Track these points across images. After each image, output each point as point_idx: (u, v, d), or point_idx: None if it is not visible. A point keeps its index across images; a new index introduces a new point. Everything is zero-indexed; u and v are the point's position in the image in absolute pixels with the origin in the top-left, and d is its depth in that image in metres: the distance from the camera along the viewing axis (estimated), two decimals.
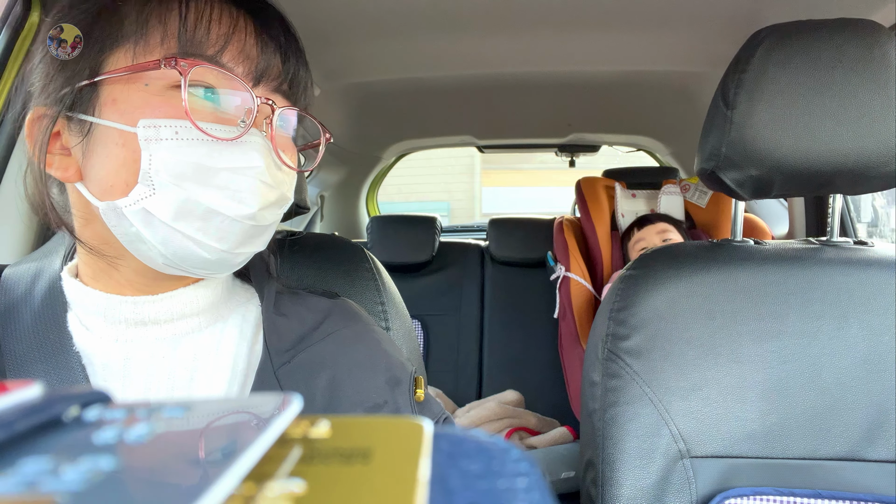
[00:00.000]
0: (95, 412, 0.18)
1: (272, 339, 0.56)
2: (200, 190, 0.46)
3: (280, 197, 0.51)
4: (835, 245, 0.82)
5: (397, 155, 2.60)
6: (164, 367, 0.51)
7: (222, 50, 0.48)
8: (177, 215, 0.46)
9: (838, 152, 0.70)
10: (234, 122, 0.48)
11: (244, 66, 0.50)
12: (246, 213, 0.48)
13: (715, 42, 1.26)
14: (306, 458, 0.16)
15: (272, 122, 0.50)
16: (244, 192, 0.47)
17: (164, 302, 0.52)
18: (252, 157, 0.48)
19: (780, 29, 0.73)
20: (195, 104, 0.47)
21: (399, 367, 0.60)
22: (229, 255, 0.50)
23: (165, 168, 0.45)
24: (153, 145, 0.45)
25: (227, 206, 0.47)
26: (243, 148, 0.48)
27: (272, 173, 0.50)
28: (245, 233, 0.49)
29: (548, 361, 2.01)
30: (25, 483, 0.13)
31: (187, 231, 0.47)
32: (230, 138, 0.47)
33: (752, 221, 1.72)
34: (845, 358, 0.74)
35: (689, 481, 0.73)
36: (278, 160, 0.51)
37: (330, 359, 0.56)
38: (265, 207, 0.49)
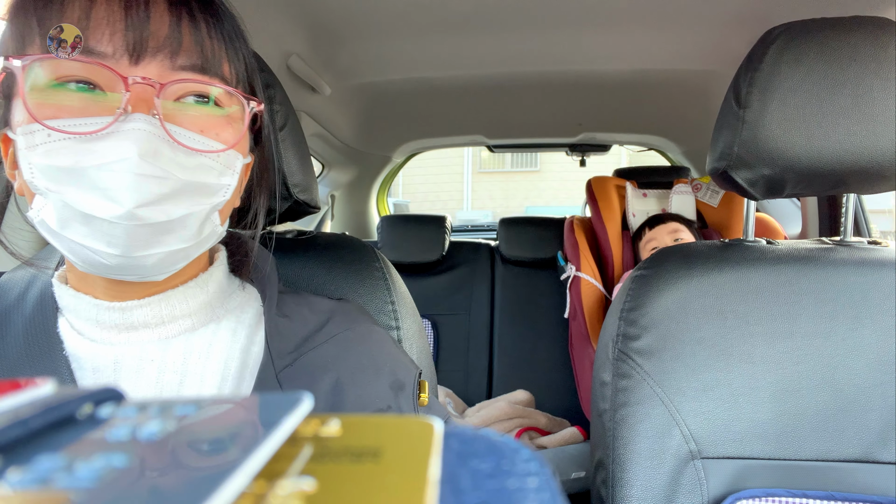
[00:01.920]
0: (108, 410, 0.18)
1: (274, 342, 0.55)
2: (74, 192, 0.42)
3: (182, 186, 0.45)
4: (848, 245, 0.81)
5: (407, 154, 2.60)
6: (153, 369, 0.50)
7: (85, 32, 0.43)
8: (62, 222, 0.44)
9: (852, 151, 0.69)
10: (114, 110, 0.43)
11: (113, 43, 0.44)
12: (119, 213, 0.42)
13: (727, 40, 1.25)
14: (317, 457, 0.16)
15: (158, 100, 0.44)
16: (115, 190, 0.42)
17: (153, 306, 0.51)
18: (122, 149, 0.42)
19: (792, 27, 0.72)
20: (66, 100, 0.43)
21: (403, 370, 0.59)
22: (129, 259, 0.45)
23: (42, 174, 0.43)
24: (31, 152, 0.43)
25: (100, 206, 0.42)
26: (114, 138, 0.42)
27: (161, 161, 0.43)
28: (133, 233, 0.44)
29: (558, 361, 2.01)
30: (40, 479, 0.14)
31: (76, 238, 0.44)
32: (95, 131, 0.42)
33: (765, 221, 1.71)
34: (859, 359, 0.73)
35: (701, 482, 0.72)
36: (177, 144, 0.44)
37: (332, 362, 0.55)
38: (152, 202, 0.43)
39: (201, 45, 0.47)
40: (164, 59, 0.45)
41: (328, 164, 2.25)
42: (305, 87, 1.44)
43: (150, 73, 0.45)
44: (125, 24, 0.44)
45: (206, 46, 0.47)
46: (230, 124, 0.49)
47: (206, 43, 0.47)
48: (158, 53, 0.45)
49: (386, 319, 0.77)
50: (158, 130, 0.44)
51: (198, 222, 0.48)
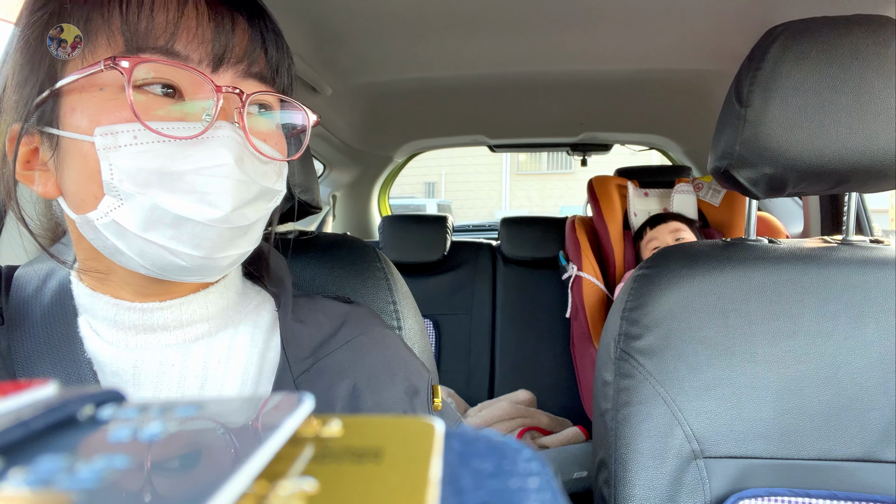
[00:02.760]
0: (110, 411, 0.18)
1: (291, 347, 0.55)
2: (167, 196, 0.43)
3: (261, 192, 0.48)
4: (850, 244, 0.81)
5: (409, 154, 2.60)
6: (174, 374, 0.50)
7: (173, 38, 0.44)
8: (146, 225, 0.44)
9: (854, 150, 0.69)
10: (199, 117, 0.45)
11: (199, 51, 0.45)
12: (217, 217, 0.44)
13: (729, 39, 1.25)
14: (318, 458, 0.16)
15: (243, 110, 0.46)
16: (213, 194, 0.44)
17: (173, 309, 0.51)
18: (219, 155, 0.44)
19: (794, 26, 0.72)
20: (152, 103, 0.44)
21: (417, 375, 0.60)
22: (208, 260, 0.46)
23: (128, 176, 0.43)
24: (112, 153, 0.43)
25: (196, 210, 0.44)
26: (209, 145, 0.44)
27: (247, 168, 0.46)
28: (221, 236, 0.46)
29: (560, 361, 2.01)
30: (41, 481, 0.14)
31: (159, 241, 0.44)
32: (191, 136, 0.43)
33: (767, 220, 1.70)
34: (861, 358, 0.73)
35: (703, 482, 0.72)
36: (256, 152, 0.47)
37: (349, 367, 0.56)
38: (241, 206, 0.46)
39: (271, 59, 0.50)
40: (239, 69, 0.48)
41: (329, 165, 2.26)
42: (306, 87, 1.44)
43: (224, 80, 0.47)
44: (213, 34, 0.46)
45: (274, 59, 0.51)
46: (280, 134, 0.52)
47: (274, 56, 0.51)
48: (237, 64, 0.47)
49: (388, 319, 0.77)
50: (242, 139, 0.45)
51: (262, 226, 0.51)
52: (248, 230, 0.48)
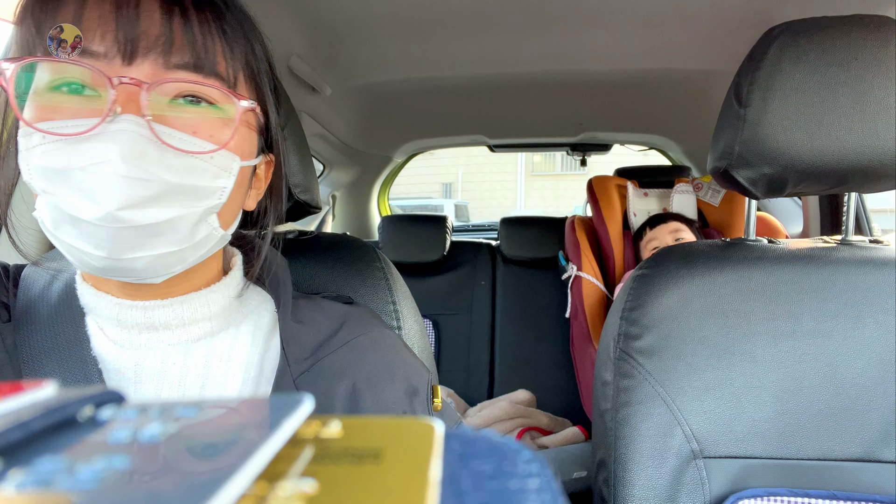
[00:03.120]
0: (109, 412, 0.18)
1: (290, 348, 0.55)
2: (63, 193, 0.42)
3: (170, 188, 0.44)
4: (850, 244, 0.81)
5: (408, 154, 2.60)
6: (175, 373, 0.50)
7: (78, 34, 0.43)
8: (55, 223, 0.44)
9: (853, 150, 0.69)
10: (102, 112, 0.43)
11: (105, 43, 0.44)
12: (101, 215, 0.42)
13: (728, 39, 1.25)
14: (318, 458, 0.16)
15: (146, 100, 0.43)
16: (97, 192, 0.41)
17: (175, 307, 0.51)
18: (105, 150, 0.41)
19: (793, 26, 0.72)
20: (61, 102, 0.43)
21: (417, 375, 0.60)
22: (115, 261, 0.44)
23: (39, 175, 0.43)
24: (28, 154, 0.43)
25: (83, 208, 0.42)
26: (100, 140, 0.42)
27: (147, 163, 0.43)
28: (117, 236, 0.43)
29: (559, 361, 2.01)
30: (41, 481, 0.14)
31: (67, 239, 0.44)
32: (81, 132, 0.42)
33: (766, 220, 1.71)
34: (861, 358, 0.73)
35: (703, 481, 0.72)
36: (165, 146, 0.44)
37: (349, 367, 0.56)
38: (135, 205, 0.42)
39: (193, 43, 0.46)
40: (156, 58, 0.45)
41: (329, 165, 2.26)
42: (306, 88, 1.44)
43: (142, 72, 0.44)
44: (115, 24, 0.43)
45: (199, 44, 0.46)
46: (227, 125, 0.48)
47: (198, 41, 0.46)
48: (150, 53, 0.44)
49: (387, 319, 0.77)
50: (145, 131, 0.43)
51: (188, 225, 0.47)
52: (160, 230, 0.45)
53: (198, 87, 0.46)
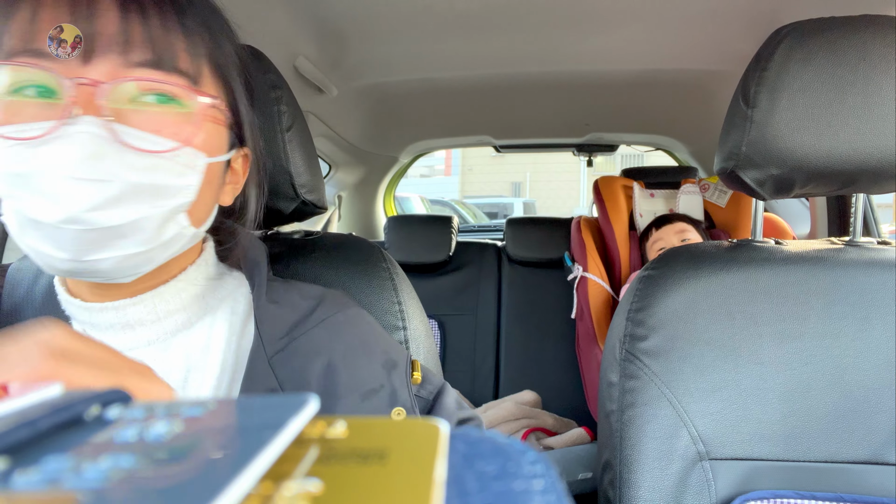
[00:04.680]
0: (116, 411, 0.18)
1: (265, 327, 0.55)
2: (23, 197, 0.42)
3: (130, 188, 0.44)
4: (858, 245, 0.80)
5: (414, 155, 2.60)
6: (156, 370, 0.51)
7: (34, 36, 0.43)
8: (19, 227, 0.44)
9: (861, 151, 0.69)
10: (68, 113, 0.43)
11: (63, 45, 0.43)
12: (61, 217, 0.42)
13: (735, 40, 1.25)
14: (323, 459, 0.16)
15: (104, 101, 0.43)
16: (55, 194, 0.42)
17: (146, 303, 0.51)
18: (63, 152, 0.41)
19: (801, 26, 0.72)
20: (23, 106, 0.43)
21: (395, 350, 0.59)
22: (80, 263, 0.44)
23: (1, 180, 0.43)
24: None
25: (44, 211, 0.42)
26: (56, 143, 0.42)
27: (106, 164, 0.42)
28: (79, 238, 0.43)
29: (565, 362, 2.01)
30: (48, 480, 0.14)
31: (31, 243, 0.44)
32: (37, 136, 0.42)
33: (773, 221, 1.70)
34: (868, 360, 0.73)
35: (708, 483, 0.72)
36: (124, 146, 0.43)
37: (325, 345, 0.55)
38: (98, 207, 0.42)
39: (152, 40, 0.45)
40: (115, 57, 0.44)
41: (335, 165, 2.26)
42: (312, 88, 1.44)
43: (101, 72, 0.44)
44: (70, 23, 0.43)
45: (159, 41, 0.45)
46: (191, 122, 0.47)
47: (157, 37, 0.45)
48: (108, 52, 0.44)
49: (392, 320, 0.77)
50: (103, 132, 0.42)
51: (154, 225, 0.46)
52: (124, 231, 0.44)
53: (158, 84, 0.45)
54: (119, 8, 0.44)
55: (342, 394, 0.53)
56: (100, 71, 0.44)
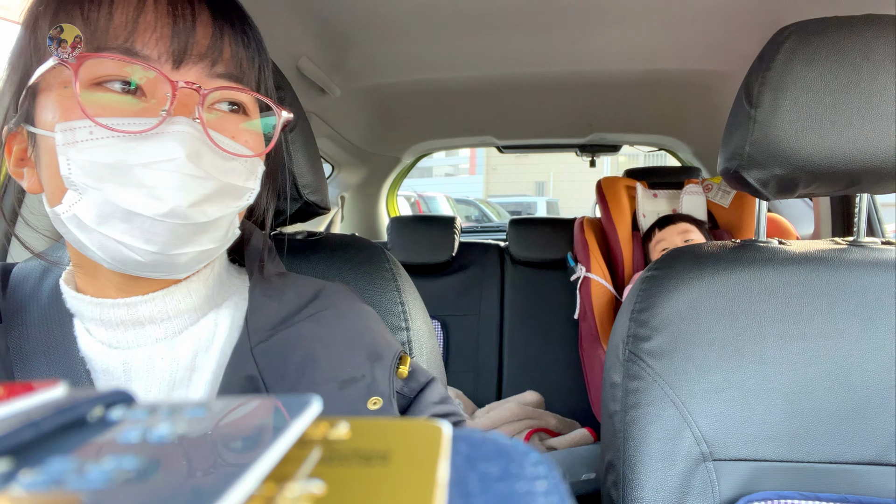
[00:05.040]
0: (119, 412, 0.18)
1: (253, 319, 0.55)
2: (117, 190, 0.44)
3: (221, 188, 0.47)
4: (862, 245, 0.80)
5: (417, 155, 2.60)
6: (164, 368, 0.51)
7: (131, 36, 0.45)
8: (100, 219, 0.45)
9: (865, 151, 0.69)
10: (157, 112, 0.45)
11: (158, 48, 0.46)
12: (165, 211, 0.44)
13: (738, 39, 1.25)
14: (326, 460, 0.16)
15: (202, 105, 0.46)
16: (161, 188, 0.44)
17: (157, 301, 0.51)
18: (170, 149, 0.44)
19: (805, 26, 0.71)
20: (111, 100, 0.45)
21: (383, 344, 0.59)
22: (163, 256, 0.46)
23: (83, 171, 0.44)
24: (71, 149, 0.44)
25: (143, 204, 0.44)
26: (161, 139, 0.44)
27: (204, 163, 0.45)
28: (174, 232, 0.45)
29: (568, 362, 2.01)
30: (52, 481, 0.14)
31: (113, 234, 0.45)
32: (143, 130, 0.44)
33: (777, 221, 1.69)
34: (873, 360, 0.73)
35: (712, 484, 0.72)
36: (216, 147, 0.47)
37: (308, 336, 0.55)
38: (196, 203, 0.45)
39: (238, 56, 0.50)
40: (204, 66, 0.48)
41: (338, 166, 2.26)
42: (315, 89, 1.44)
43: (189, 78, 0.47)
44: (171, 31, 0.46)
45: (242, 57, 0.50)
46: (254, 132, 0.52)
47: (242, 54, 0.50)
48: (200, 61, 0.47)
49: (395, 321, 0.77)
50: (200, 134, 0.45)
51: (227, 224, 0.50)
52: (208, 227, 0.48)
53: (241, 95, 0.51)
54: (213, 24, 0.48)
55: (317, 382, 0.52)
56: (189, 77, 0.47)
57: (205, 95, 0.46)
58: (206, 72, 0.48)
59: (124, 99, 0.45)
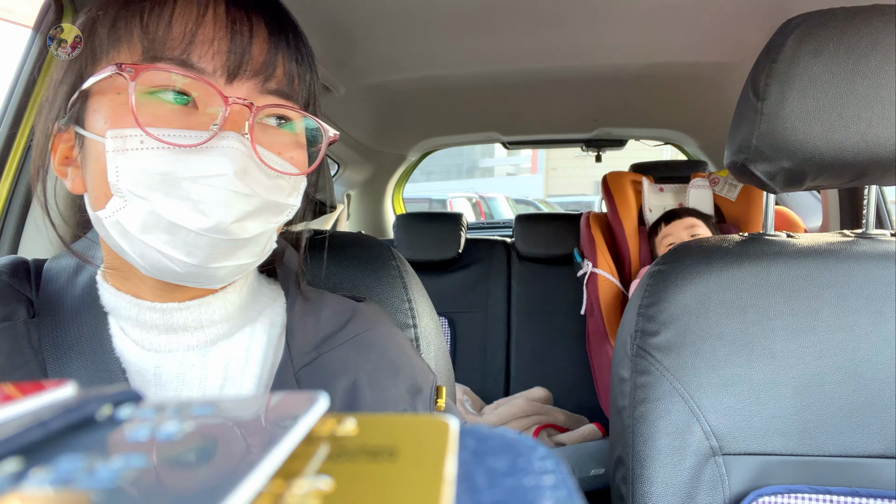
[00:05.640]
0: (127, 411, 0.18)
1: (294, 340, 0.55)
2: (164, 201, 0.44)
3: (265, 205, 0.47)
4: (870, 237, 0.80)
5: (422, 152, 2.60)
6: (195, 375, 0.51)
7: (188, 48, 0.45)
8: (144, 228, 0.45)
9: (873, 142, 0.68)
10: (208, 126, 0.45)
11: (214, 62, 0.46)
12: (208, 226, 0.44)
13: (744, 32, 1.24)
14: (333, 456, 0.16)
15: (252, 122, 0.46)
16: (207, 203, 0.44)
17: (192, 310, 0.51)
18: (219, 165, 0.44)
19: (811, 17, 0.71)
20: (164, 110, 0.45)
21: (422, 375, 0.59)
22: (203, 269, 0.46)
23: (131, 179, 0.44)
24: (120, 156, 0.44)
25: (189, 218, 0.44)
26: (211, 154, 0.44)
27: (251, 180, 0.45)
28: (215, 247, 0.45)
29: (575, 358, 2.00)
30: (61, 480, 0.14)
31: (155, 244, 0.45)
32: (194, 144, 0.44)
33: (784, 214, 1.69)
34: (883, 353, 0.72)
35: (722, 479, 0.72)
36: (263, 164, 0.47)
37: (352, 363, 0.55)
38: (241, 218, 0.45)
39: (291, 73, 0.50)
40: (256, 82, 0.48)
41: (343, 164, 2.26)
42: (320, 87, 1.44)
43: (241, 93, 0.47)
44: (228, 46, 0.46)
45: (294, 74, 0.50)
46: (300, 147, 0.52)
47: (295, 72, 0.50)
48: (253, 77, 0.48)
49: (402, 318, 0.77)
50: (249, 150, 0.45)
51: (266, 239, 0.50)
52: (249, 243, 0.48)
53: (291, 112, 0.51)
54: (269, 39, 0.48)
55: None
56: (241, 92, 0.47)
57: (256, 112, 0.46)
58: (258, 87, 0.48)
59: (177, 109, 0.45)
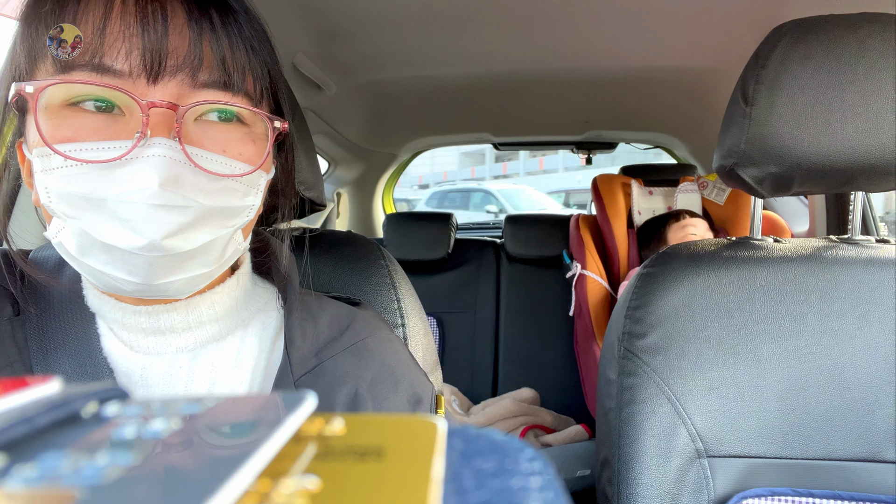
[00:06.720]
0: (113, 408, 0.18)
1: (293, 348, 0.54)
2: (94, 221, 0.40)
3: (205, 213, 0.43)
4: (856, 243, 0.80)
5: (413, 152, 2.60)
6: (181, 377, 0.49)
7: (100, 49, 0.40)
8: (80, 250, 0.42)
9: (860, 149, 0.69)
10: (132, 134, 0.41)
11: (130, 61, 0.41)
12: (142, 244, 0.40)
13: (734, 38, 1.25)
14: (321, 456, 0.16)
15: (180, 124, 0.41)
16: (136, 221, 0.40)
17: (179, 311, 0.49)
18: (142, 177, 0.39)
19: (800, 24, 0.72)
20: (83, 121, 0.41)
21: (421, 384, 0.58)
22: (149, 286, 0.43)
23: (61, 199, 0.41)
24: (48, 176, 0.41)
25: (120, 237, 0.40)
26: (136, 166, 0.40)
27: (184, 188, 0.41)
28: (154, 264, 0.42)
29: (563, 359, 2.01)
30: (46, 477, 0.14)
31: (96, 265, 0.42)
32: (113, 158, 0.39)
33: (772, 219, 1.70)
34: (866, 357, 0.73)
35: (707, 481, 0.72)
36: (199, 169, 0.42)
37: (352, 371, 0.54)
38: (174, 233, 0.41)
39: (223, 60, 0.44)
40: (184, 77, 0.42)
41: (334, 162, 2.26)
42: (311, 86, 1.44)
43: (169, 91, 0.42)
44: (142, 41, 0.41)
45: (229, 61, 0.44)
46: (254, 141, 0.47)
47: (228, 58, 0.44)
48: (178, 72, 0.42)
49: (391, 317, 0.77)
50: (180, 155, 0.41)
51: (221, 246, 0.46)
52: (195, 254, 0.44)
53: (227, 106, 0.45)
54: (190, 27, 0.42)
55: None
56: (169, 91, 0.42)
57: (182, 114, 0.41)
58: (188, 82, 0.43)
59: (101, 118, 0.41)
